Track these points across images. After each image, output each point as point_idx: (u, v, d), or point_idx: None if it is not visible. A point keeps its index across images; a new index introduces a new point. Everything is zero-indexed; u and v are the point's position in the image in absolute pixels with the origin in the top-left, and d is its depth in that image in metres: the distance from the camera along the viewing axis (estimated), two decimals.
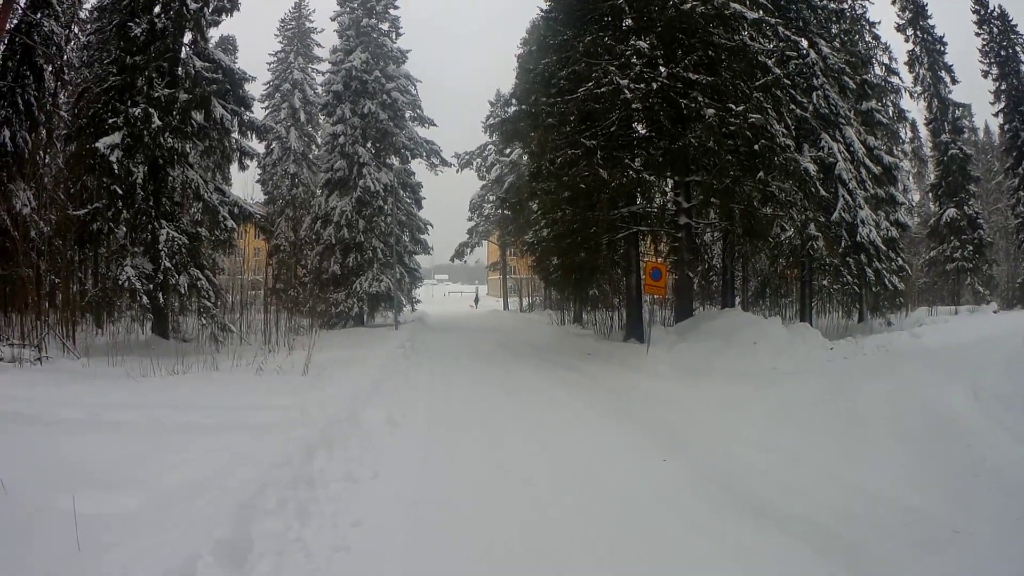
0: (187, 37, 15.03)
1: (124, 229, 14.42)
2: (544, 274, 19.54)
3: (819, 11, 18.38)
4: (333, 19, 24.81)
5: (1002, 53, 28.71)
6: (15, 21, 15.14)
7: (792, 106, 14.95)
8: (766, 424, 7.37)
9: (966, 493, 4.84)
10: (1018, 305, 26.46)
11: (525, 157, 21.54)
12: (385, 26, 24.98)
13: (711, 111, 12.36)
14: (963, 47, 30.00)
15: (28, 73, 16.01)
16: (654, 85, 12.67)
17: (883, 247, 17.75)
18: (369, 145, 23.71)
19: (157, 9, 14.61)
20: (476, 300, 53.31)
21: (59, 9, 18.03)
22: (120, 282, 13.29)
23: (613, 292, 19.80)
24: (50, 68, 17.41)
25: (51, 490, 4.14)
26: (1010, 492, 4.82)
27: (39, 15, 16.10)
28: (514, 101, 23.17)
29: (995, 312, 21.39)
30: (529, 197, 16.67)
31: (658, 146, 13.23)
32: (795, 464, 5.83)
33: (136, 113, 13.59)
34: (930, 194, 29.68)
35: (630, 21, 13.76)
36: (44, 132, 17.95)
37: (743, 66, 13.58)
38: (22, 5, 15.57)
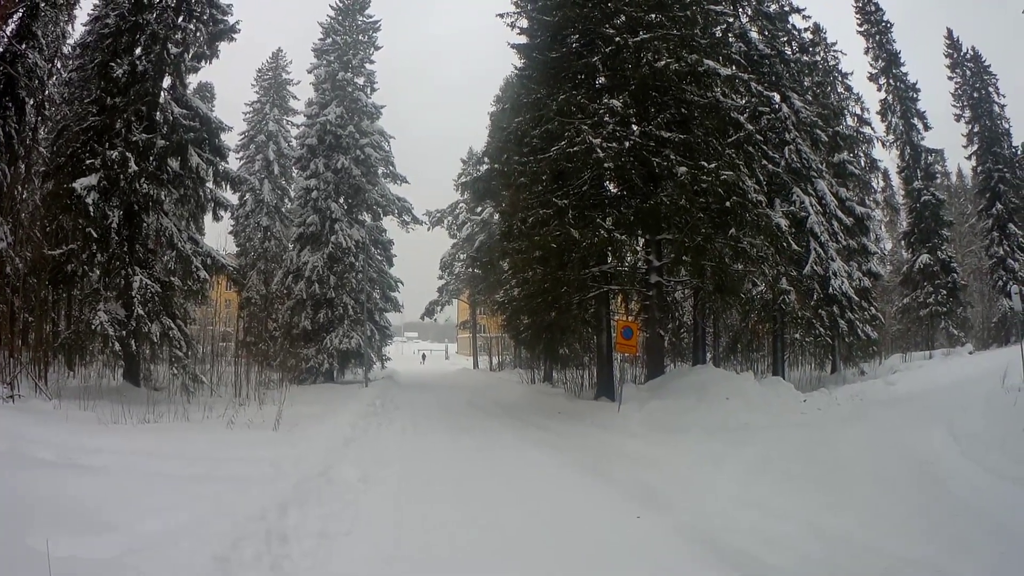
0: (166, 82, 15.07)
1: (98, 272, 14.29)
2: (514, 333, 19.46)
3: (792, 64, 18.82)
4: (310, 71, 25.05)
5: (975, 95, 29.30)
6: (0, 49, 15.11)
7: (764, 161, 15.19)
8: (743, 478, 7.31)
9: (950, 535, 4.85)
10: (994, 344, 26.53)
11: (496, 216, 21.66)
12: (360, 80, 25.20)
13: (683, 169, 12.48)
14: (935, 91, 30.70)
15: (10, 104, 15.81)
16: (626, 144, 12.82)
17: (855, 297, 18.00)
18: (342, 200, 23.75)
19: (138, 51, 14.68)
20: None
21: (43, 42, 18.00)
22: (93, 326, 13.21)
23: (584, 351, 19.74)
24: (32, 102, 17.20)
25: (22, 531, 4.06)
26: (992, 531, 4.85)
27: (24, 46, 15.93)
28: (486, 160, 23.49)
29: (970, 353, 21.27)
30: (500, 256, 16.72)
31: (629, 205, 13.34)
32: (774, 517, 5.79)
33: (114, 156, 13.58)
34: (902, 241, 29.94)
35: (604, 79, 14.00)
36: (23, 166, 17.78)
37: (715, 123, 13.78)
38: (7, 34, 15.54)
